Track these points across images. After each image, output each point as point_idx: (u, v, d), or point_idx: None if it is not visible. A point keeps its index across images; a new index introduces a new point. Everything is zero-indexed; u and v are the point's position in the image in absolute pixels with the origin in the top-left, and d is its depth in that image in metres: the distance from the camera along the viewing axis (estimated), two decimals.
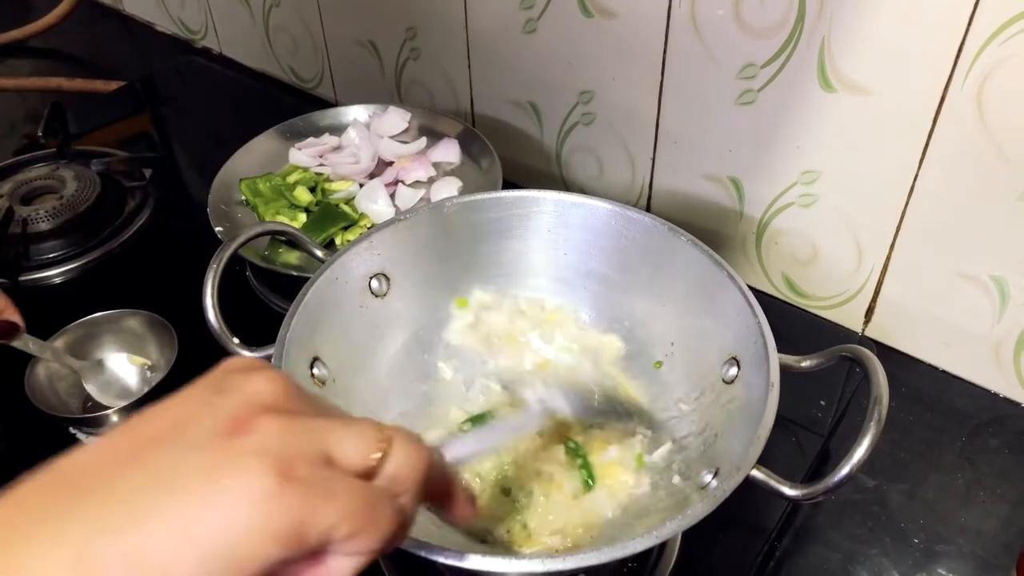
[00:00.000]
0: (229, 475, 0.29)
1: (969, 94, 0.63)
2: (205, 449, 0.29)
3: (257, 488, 0.28)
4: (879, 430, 0.46)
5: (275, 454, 0.29)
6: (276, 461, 0.29)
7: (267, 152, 0.93)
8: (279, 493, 0.29)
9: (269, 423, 0.31)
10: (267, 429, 0.30)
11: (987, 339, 0.73)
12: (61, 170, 0.98)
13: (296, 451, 0.30)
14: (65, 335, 0.77)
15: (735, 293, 0.57)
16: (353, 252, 0.63)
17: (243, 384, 0.32)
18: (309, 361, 0.58)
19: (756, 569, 0.62)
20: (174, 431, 0.30)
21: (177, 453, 0.29)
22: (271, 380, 0.33)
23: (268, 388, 0.32)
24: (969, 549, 0.64)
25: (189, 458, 0.29)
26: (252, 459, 0.29)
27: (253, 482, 0.28)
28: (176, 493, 0.28)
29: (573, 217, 0.66)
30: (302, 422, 0.32)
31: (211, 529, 0.28)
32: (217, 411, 0.31)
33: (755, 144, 0.78)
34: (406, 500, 0.34)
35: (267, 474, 0.29)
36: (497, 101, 0.97)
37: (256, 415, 0.31)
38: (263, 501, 0.28)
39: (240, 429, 0.30)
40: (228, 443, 0.30)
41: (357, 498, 0.31)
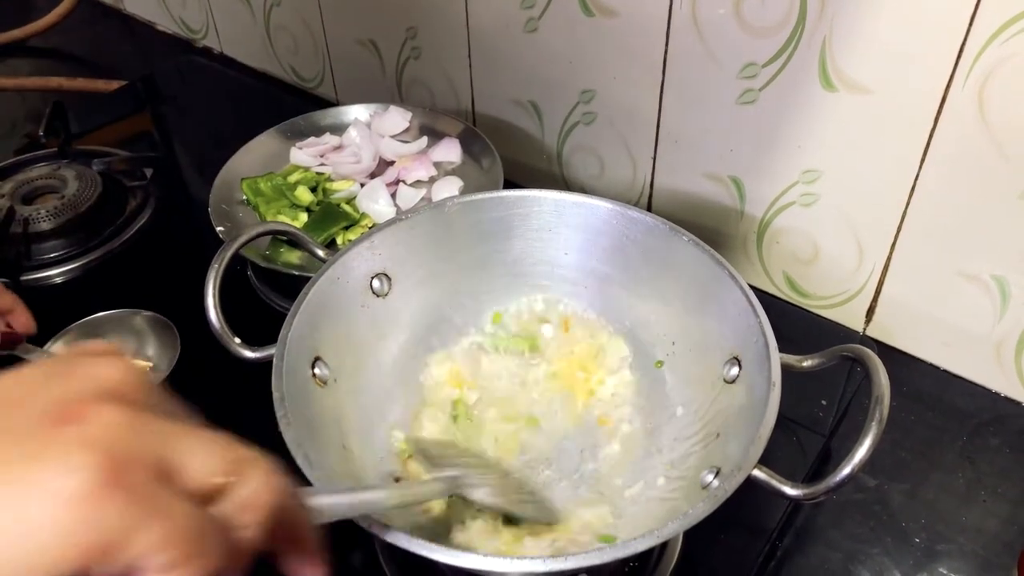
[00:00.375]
0: (45, 467, 0.25)
1: (970, 94, 0.63)
2: (26, 434, 0.26)
3: (73, 486, 0.25)
4: (880, 430, 0.46)
5: (105, 450, 0.26)
6: (104, 459, 0.25)
7: (268, 151, 0.93)
8: (97, 498, 0.25)
9: (107, 414, 0.27)
10: (103, 420, 0.27)
11: (988, 338, 0.73)
12: (62, 170, 0.98)
13: (130, 452, 0.26)
14: (67, 335, 0.77)
15: (736, 292, 0.57)
16: (354, 252, 0.63)
17: (87, 369, 0.29)
18: (311, 361, 0.58)
19: (757, 569, 0.62)
20: (6, 410, 0.27)
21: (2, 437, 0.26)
22: (120, 368, 0.29)
23: (115, 375, 0.29)
24: (970, 548, 0.64)
25: (6, 442, 0.26)
26: (76, 452, 0.25)
27: (71, 478, 0.25)
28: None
29: (574, 217, 0.66)
30: (147, 420, 0.28)
31: (11, 521, 0.24)
32: (50, 393, 0.28)
33: (756, 143, 0.78)
34: (246, 535, 0.30)
35: (88, 472, 0.25)
36: (498, 100, 0.97)
37: (94, 403, 0.27)
38: (77, 503, 0.25)
39: (72, 416, 0.27)
40: (54, 430, 0.26)
41: (186, 524, 0.27)
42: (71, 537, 0.24)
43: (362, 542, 0.63)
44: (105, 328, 0.79)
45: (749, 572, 0.61)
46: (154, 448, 0.28)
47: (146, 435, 0.28)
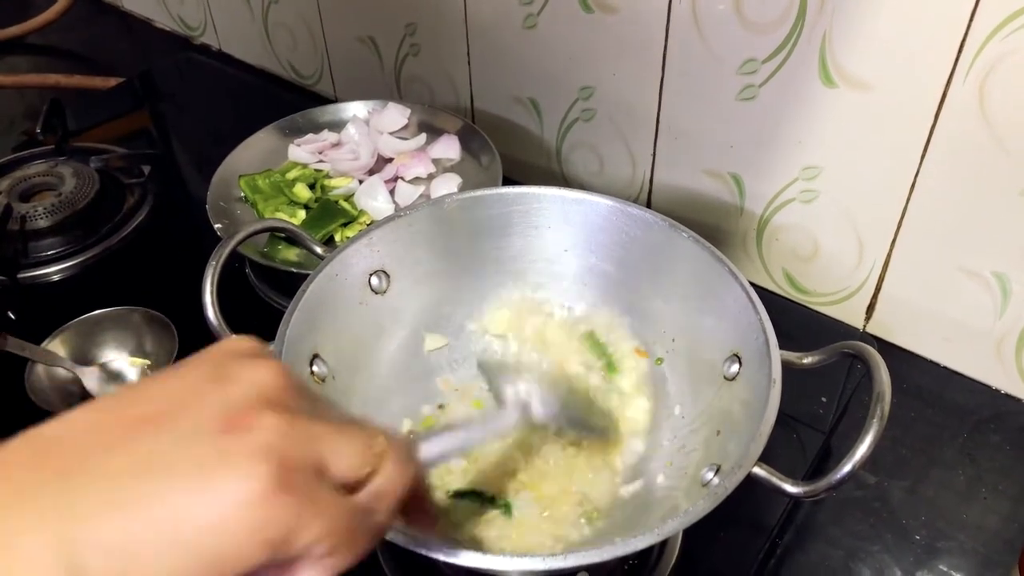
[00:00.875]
0: (223, 473, 0.28)
1: (971, 89, 0.63)
2: (200, 441, 0.29)
3: (252, 491, 0.28)
4: (881, 427, 0.46)
5: (272, 457, 0.29)
6: (273, 466, 0.28)
7: (266, 148, 0.93)
8: (273, 500, 0.28)
9: (269, 422, 0.30)
10: (266, 428, 0.30)
11: (989, 335, 0.73)
12: (60, 167, 0.97)
13: (293, 457, 0.29)
14: (64, 333, 0.77)
15: (736, 289, 0.57)
16: (353, 249, 0.63)
17: (244, 373, 0.31)
18: (309, 358, 0.58)
19: (757, 566, 0.62)
20: (168, 416, 0.29)
21: (170, 441, 0.29)
22: (273, 372, 0.32)
23: (270, 381, 0.32)
24: (970, 546, 0.64)
25: (182, 448, 0.28)
26: (248, 460, 0.28)
27: (248, 484, 0.28)
28: (167, 482, 0.28)
29: (574, 213, 0.66)
30: (301, 425, 0.31)
31: (200, 524, 0.27)
32: (215, 400, 0.30)
33: (756, 140, 0.77)
34: (382, 518, 0.34)
35: (262, 478, 0.28)
36: (497, 97, 0.97)
37: (256, 411, 0.30)
38: (257, 505, 0.28)
39: (238, 424, 0.29)
40: (225, 438, 0.29)
41: (343, 516, 0.31)
42: (256, 534, 0.28)
43: None
44: (103, 326, 0.78)
45: (749, 569, 0.61)
46: (310, 450, 0.31)
47: (303, 439, 0.31)
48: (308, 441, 0.31)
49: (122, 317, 0.79)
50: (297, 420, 0.31)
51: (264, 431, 0.29)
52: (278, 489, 0.28)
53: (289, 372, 0.33)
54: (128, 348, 0.79)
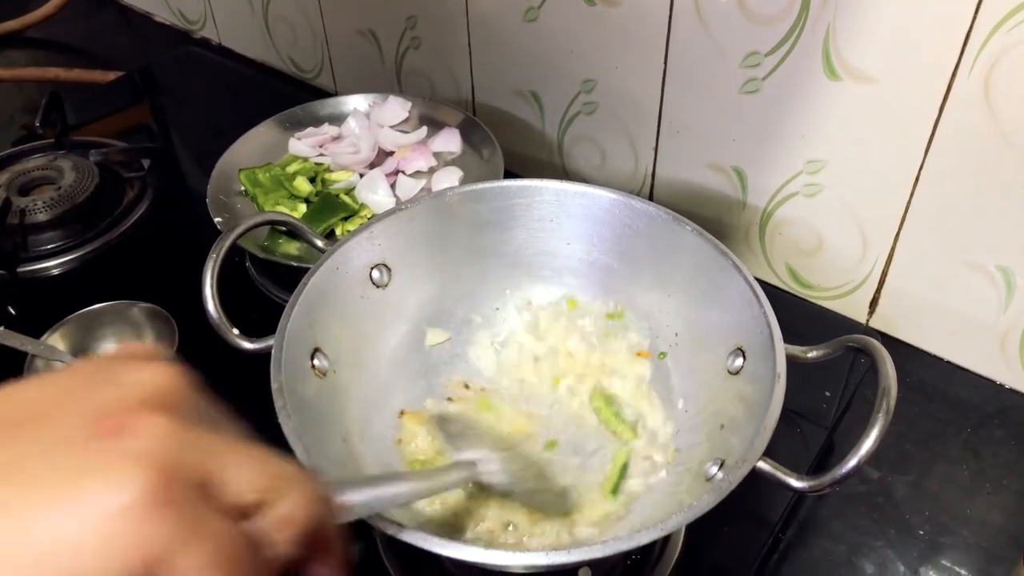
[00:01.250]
0: (90, 481, 0.24)
1: (976, 82, 0.63)
2: (68, 446, 0.25)
3: (122, 502, 0.24)
4: (887, 421, 0.45)
5: (151, 464, 0.25)
6: (151, 473, 0.25)
7: (266, 142, 0.92)
8: (147, 514, 0.24)
9: (153, 425, 0.26)
10: (149, 432, 0.26)
11: (993, 329, 0.73)
12: (59, 160, 0.97)
13: (176, 466, 0.26)
14: (64, 327, 0.77)
15: (740, 282, 0.56)
16: (354, 242, 0.62)
17: (128, 375, 0.28)
18: (310, 352, 0.58)
19: (760, 561, 0.61)
20: (39, 419, 0.26)
21: (37, 445, 0.26)
22: (164, 374, 0.28)
23: (160, 382, 0.28)
24: (974, 541, 0.64)
25: (49, 454, 0.25)
26: (122, 467, 0.25)
27: (119, 494, 0.24)
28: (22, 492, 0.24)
29: (576, 207, 0.66)
30: (192, 432, 0.27)
31: (55, 539, 0.24)
32: (94, 402, 0.27)
33: (759, 133, 0.77)
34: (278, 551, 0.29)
35: (136, 488, 0.24)
36: (498, 91, 0.96)
37: (134, 413, 0.26)
38: (127, 519, 0.24)
39: (117, 427, 0.26)
40: (99, 442, 0.25)
41: (230, 542, 0.27)
42: (125, 552, 0.24)
43: (362, 535, 0.62)
44: (102, 320, 0.78)
45: (752, 564, 0.61)
46: (199, 462, 0.27)
47: (192, 448, 0.27)
48: (196, 451, 0.27)
49: (122, 311, 0.79)
50: (187, 426, 0.27)
51: (143, 436, 0.26)
52: (154, 501, 0.24)
53: (183, 375, 0.29)
54: (128, 342, 0.79)
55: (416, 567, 0.60)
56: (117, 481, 0.24)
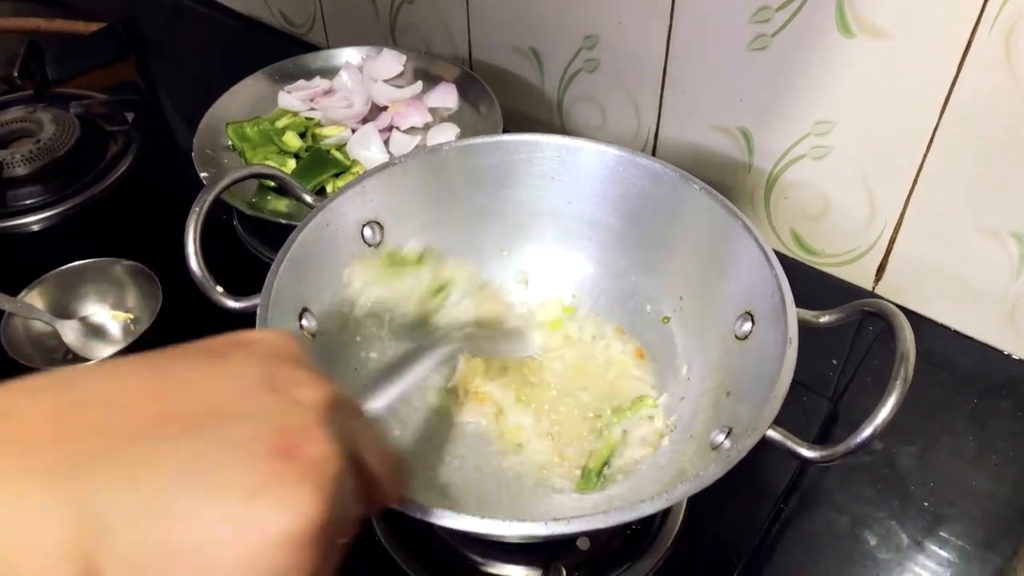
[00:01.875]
0: (265, 500, 0.25)
1: (997, 40, 0.60)
2: (251, 459, 0.26)
3: (287, 529, 0.25)
4: (905, 389, 0.44)
5: (319, 495, 0.26)
6: (317, 504, 0.26)
7: (255, 95, 0.89)
8: (309, 544, 0.26)
9: (327, 453, 0.27)
10: (323, 460, 0.27)
11: (1002, 298, 0.71)
12: (38, 113, 0.94)
13: (337, 499, 0.27)
14: (42, 284, 0.74)
15: (750, 244, 0.54)
16: (344, 198, 0.60)
17: (303, 393, 0.29)
18: (298, 312, 0.55)
19: (763, 532, 0.60)
20: (214, 420, 0.27)
21: (218, 451, 0.26)
22: (329, 395, 0.29)
23: (326, 400, 0.29)
24: (979, 513, 0.62)
25: (232, 463, 0.26)
26: (297, 491, 0.26)
27: (285, 520, 0.25)
28: (207, 499, 0.25)
29: (578, 164, 0.63)
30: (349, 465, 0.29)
31: (234, 554, 0.24)
32: (275, 413, 0.27)
33: (767, 93, 0.74)
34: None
35: (308, 517, 0.25)
36: (496, 47, 0.93)
37: (317, 438, 0.27)
38: (294, 545, 0.25)
39: (292, 450, 0.26)
40: (279, 461, 0.26)
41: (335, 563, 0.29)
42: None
43: None
44: (83, 278, 0.75)
45: (755, 535, 0.59)
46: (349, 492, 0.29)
47: (347, 479, 0.28)
48: (349, 484, 0.29)
49: (103, 269, 0.76)
50: (343, 452, 0.28)
51: (318, 462, 0.27)
52: (318, 533, 0.26)
53: (340, 395, 0.30)
54: (110, 301, 0.76)
55: (410, 535, 0.58)
56: (287, 506, 0.25)
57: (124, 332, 0.75)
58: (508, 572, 0.56)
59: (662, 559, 0.57)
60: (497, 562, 0.56)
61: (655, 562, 0.56)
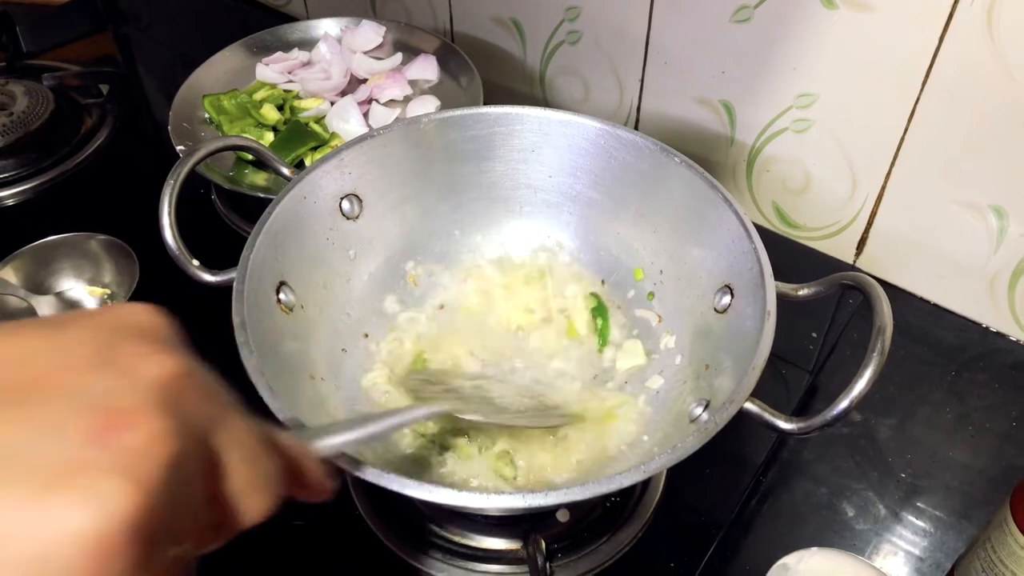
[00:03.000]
0: (69, 494, 0.22)
1: (979, 12, 0.60)
2: (58, 443, 0.22)
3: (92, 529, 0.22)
4: (882, 362, 0.44)
5: (137, 487, 0.23)
6: (132, 499, 0.22)
7: (232, 67, 0.88)
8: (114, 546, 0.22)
9: (146, 435, 0.23)
10: (143, 443, 0.23)
11: (982, 271, 0.71)
12: (11, 85, 0.92)
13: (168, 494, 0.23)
14: (17, 259, 0.73)
15: (730, 216, 0.54)
16: (322, 170, 0.59)
17: (136, 362, 0.25)
18: (275, 286, 0.55)
19: (742, 503, 0.60)
20: (30, 396, 0.23)
21: (23, 431, 0.23)
22: (171, 367, 0.25)
23: (164, 374, 0.25)
24: (956, 484, 0.63)
25: (36, 446, 0.22)
26: (110, 482, 0.22)
27: (91, 517, 0.22)
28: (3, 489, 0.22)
29: (559, 136, 0.62)
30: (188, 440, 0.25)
31: (19, 553, 0.21)
32: (91, 392, 0.24)
33: (749, 65, 0.74)
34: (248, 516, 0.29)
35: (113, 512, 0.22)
36: (477, 19, 0.92)
37: (134, 416, 0.24)
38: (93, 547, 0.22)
39: (108, 433, 0.23)
40: (87, 448, 0.23)
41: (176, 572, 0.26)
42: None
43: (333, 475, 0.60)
44: (59, 252, 0.74)
45: (733, 506, 0.60)
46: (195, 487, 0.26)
47: (192, 469, 0.25)
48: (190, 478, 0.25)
49: (79, 243, 0.75)
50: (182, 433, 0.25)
51: (143, 449, 0.23)
52: (129, 534, 0.22)
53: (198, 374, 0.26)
54: (86, 276, 0.75)
55: (388, 508, 0.58)
56: (88, 500, 0.22)
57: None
58: (488, 545, 0.56)
59: (641, 530, 0.57)
60: (477, 535, 0.56)
61: (634, 533, 0.57)
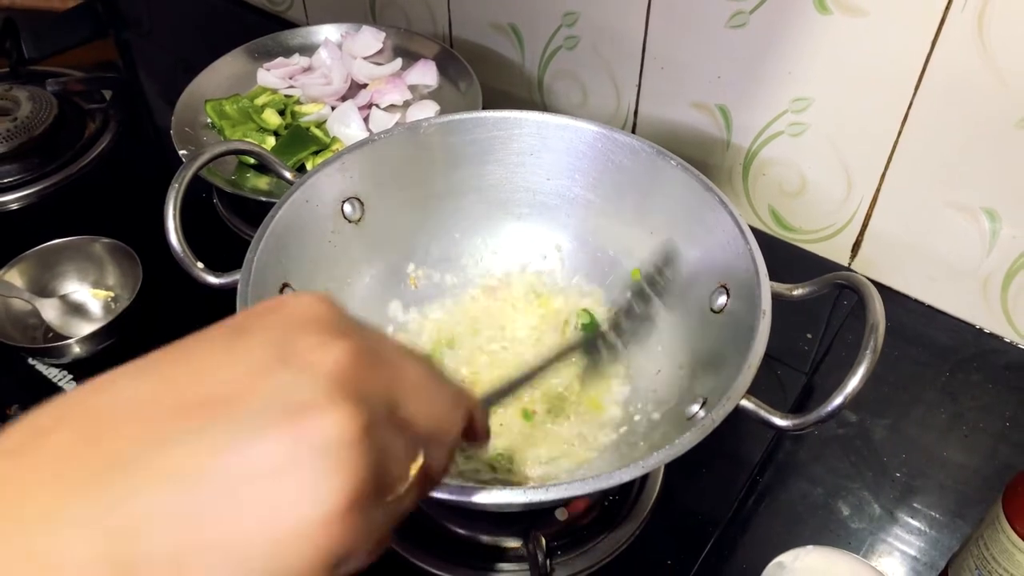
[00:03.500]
0: (292, 483, 0.25)
1: (970, 17, 0.60)
2: (266, 444, 0.25)
3: (324, 509, 0.25)
4: (875, 359, 0.45)
5: (347, 469, 0.25)
6: (347, 479, 0.25)
7: (234, 73, 0.89)
8: (342, 522, 0.25)
9: (333, 421, 0.25)
10: (332, 429, 0.25)
11: (975, 273, 0.72)
12: (14, 90, 0.93)
13: (366, 467, 0.26)
14: (22, 262, 0.74)
15: (725, 218, 0.54)
16: (324, 173, 0.60)
17: (310, 355, 0.27)
18: (278, 287, 0.56)
19: (738, 503, 0.61)
20: (229, 403, 0.25)
21: (231, 435, 0.25)
22: (338, 351, 0.27)
23: (333, 360, 0.27)
24: (950, 483, 0.64)
25: (244, 446, 0.25)
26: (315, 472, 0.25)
27: (322, 500, 0.25)
28: (227, 491, 0.24)
29: (557, 140, 0.63)
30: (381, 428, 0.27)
31: (258, 544, 0.24)
32: (279, 392, 0.26)
33: (745, 70, 0.75)
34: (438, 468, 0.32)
35: (336, 494, 0.25)
36: (477, 24, 0.92)
37: (318, 406, 0.26)
38: (327, 525, 0.25)
39: (301, 426, 0.25)
40: (290, 444, 0.25)
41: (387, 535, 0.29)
42: (316, 558, 0.25)
43: None
44: (63, 256, 0.75)
45: (730, 506, 0.60)
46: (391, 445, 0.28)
47: (384, 431, 0.27)
48: (383, 441, 0.27)
49: (83, 247, 0.76)
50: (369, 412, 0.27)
51: (334, 434, 0.25)
52: (350, 508, 0.25)
53: (361, 346, 0.28)
54: (90, 279, 0.76)
55: None
56: (315, 485, 0.25)
57: (104, 310, 0.75)
58: (488, 542, 0.56)
59: (639, 528, 0.58)
60: (477, 532, 0.56)
61: (632, 531, 0.57)
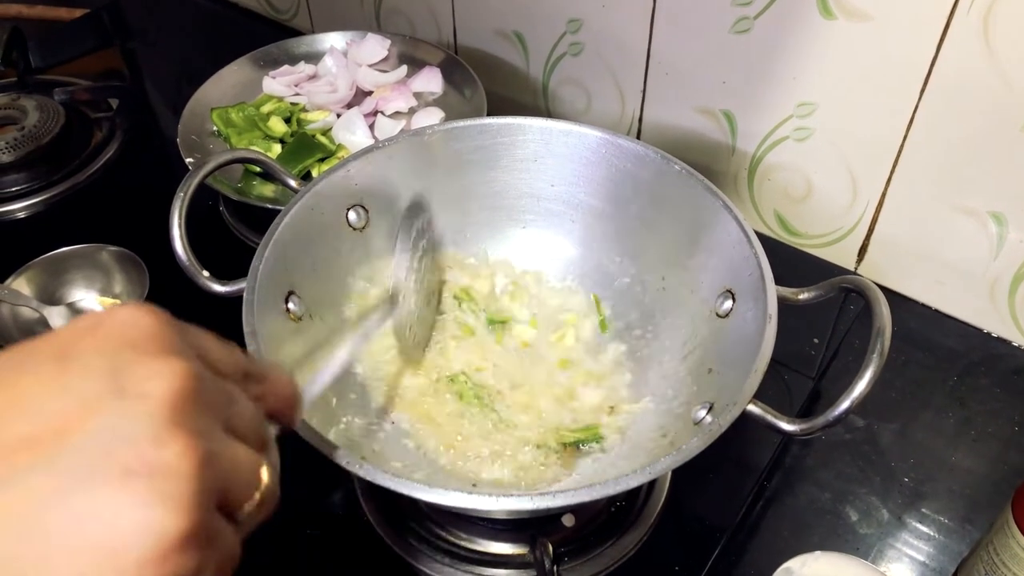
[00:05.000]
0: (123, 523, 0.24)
1: (975, 20, 0.60)
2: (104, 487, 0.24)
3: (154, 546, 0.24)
4: (882, 363, 0.44)
5: (177, 504, 0.25)
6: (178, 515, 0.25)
7: (240, 81, 0.89)
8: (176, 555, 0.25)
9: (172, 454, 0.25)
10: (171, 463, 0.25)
11: (983, 277, 0.72)
12: (22, 100, 0.93)
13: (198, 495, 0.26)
14: (29, 271, 0.74)
15: (730, 223, 0.54)
16: (329, 181, 0.60)
17: (144, 384, 0.26)
18: (284, 295, 0.56)
19: (746, 508, 0.61)
20: (54, 441, 0.25)
21: (63, 478, 0.24)
22: (172, 379, 0.26)
23: (168, 389, 0.26)
24: (958, 488, 0.63)
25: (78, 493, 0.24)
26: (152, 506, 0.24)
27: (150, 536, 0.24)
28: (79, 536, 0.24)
29: (561, 146, 0.63)
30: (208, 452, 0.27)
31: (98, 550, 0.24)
32: (115, 427, 0.25)
33: (750, 75, 0.75)
34: None
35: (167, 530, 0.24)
36: (481, 31, 0.93)
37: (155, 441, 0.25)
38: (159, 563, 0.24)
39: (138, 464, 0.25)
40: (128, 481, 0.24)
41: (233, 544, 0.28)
42: None
43: (342, 482, 0.61)
44: (70, 264, 0.75)
45: (737, 511, 0.60)
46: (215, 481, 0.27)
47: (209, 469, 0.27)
48: (214, 472, 0.27)
49: (90, 255, 0.76)
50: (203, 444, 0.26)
51: (172, 468, 0.25)
52: (183, 542, 0.25)
53: (196, 373, 0.27)
54: (97, 287, 0.76)
55: (394, 510, 0.58)
56: (146, 523, 0.24)
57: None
58: (495, 550, 0.56)
59: (646, 534, 0.58)
60: (484, 539, 0.56)
61: (639, 537, 0.57)
